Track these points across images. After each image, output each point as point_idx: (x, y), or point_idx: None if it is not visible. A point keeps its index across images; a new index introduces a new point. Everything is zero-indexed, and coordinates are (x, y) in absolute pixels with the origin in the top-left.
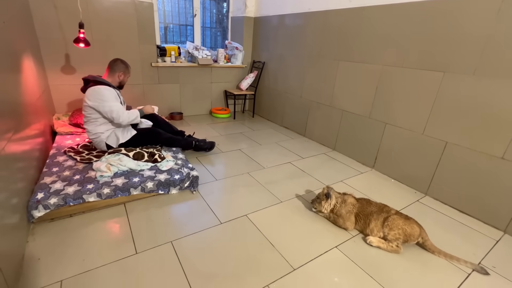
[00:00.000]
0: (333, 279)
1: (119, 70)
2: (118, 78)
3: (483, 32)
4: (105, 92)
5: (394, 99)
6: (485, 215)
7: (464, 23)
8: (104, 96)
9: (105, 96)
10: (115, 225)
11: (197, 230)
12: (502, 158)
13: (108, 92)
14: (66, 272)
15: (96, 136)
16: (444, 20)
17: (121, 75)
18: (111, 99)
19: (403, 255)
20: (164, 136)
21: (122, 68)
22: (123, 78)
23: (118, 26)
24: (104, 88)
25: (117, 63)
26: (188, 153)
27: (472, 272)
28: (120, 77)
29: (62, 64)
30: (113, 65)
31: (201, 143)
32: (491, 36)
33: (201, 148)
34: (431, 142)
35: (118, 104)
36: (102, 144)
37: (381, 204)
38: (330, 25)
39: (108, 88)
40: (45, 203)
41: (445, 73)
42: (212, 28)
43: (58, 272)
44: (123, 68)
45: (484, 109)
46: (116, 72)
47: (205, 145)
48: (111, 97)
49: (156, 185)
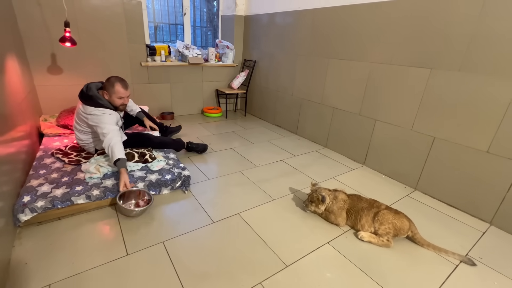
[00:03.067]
0: (326, 275)
1: (105, 87)
2: (105, 97)
3: (468, 29)
4: (103, 117)
5: (383, 96)
6: (472, 208)
7: (450, 20)
8: (100, 120)
9: (102, 120)
10: (105, 227)
11: (189, 230)
12: (487, 152)
13: (106, 116)
14: (55, 276)
15: (86, 141)
16: (431, 17)
17: (106, 95)
18: (109, 121)
19: (393, 248)
20: (155, 141)
21: (107, 86)
22: (108, 98)
23: (105, 25)
24: (102, 111)
25: (108, 80)
26: (179, 153)
27: (460, 264)
28: (106, 97)
29: (48, 64)
30: (106, 81)
31: (194, 145)
32: (475, 33)
33: (193, 149)
34: (419, 137)
35: (113, 127)
36: (92, 149)
37: (371, 200)
38: (319, 23)
39: (106, 111)
40: (32, 206)
41: (432, 69)
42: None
43: (47, 276)
44: (108, 86)
45: (469, 104)
46: (104, 90)
47: (197, 147)
48: (109, 120)
49: (147, 185)
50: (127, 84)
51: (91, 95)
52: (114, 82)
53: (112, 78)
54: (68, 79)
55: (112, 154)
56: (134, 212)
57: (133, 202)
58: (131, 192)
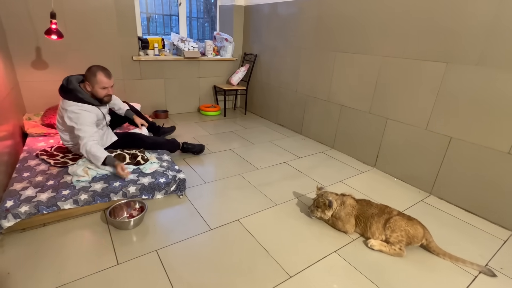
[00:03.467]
0: (332, 286)
1: (86, 78)
2: (87, 89)
3: (487, 18)
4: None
5: (395, 92)
6: (492, 214)
7: (466, 8)
8: (78, 118)
9: (80, 118)
10: (94, 234)
11: (184, 238)
12: (508, 153)
13: (86, 112)
14: (40, 286)
15: (72, 144)
16: (446, 6)
17: (88, 86)
18: (87, 121)
19: (406, 258)
20: (147, 141)
21: (89, 76)
22: (91, 89)
23: (94, 16)
24: (82, 108)
25: (89, 69)
26: (174, 154)
27: (479, 274)
28: (88, 88)
29: (33, 59)
30: (86, 71)
31: (189, 146)
32: (495, 22)
33: (189, 150)
34: (434, 137)
35: (90, 130)
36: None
37: (382, 205)
38: (325, 13)
39: (87, 107)
40: (15, 211)
41: (448, 63)
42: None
43: (31, 286)
44: (90, 76)
45: (488, 101)
46: (85, 82)
47: (193, 148)
48: (87, 119)
49: (139, 189)
50: (110, 73)
51: (71, 89)
52: (96, 72)
53: (94, 67)
54: (54, 74)
55: (94, 158)
56: (131, 224)
57: (125, 215)
58: (121, 207)
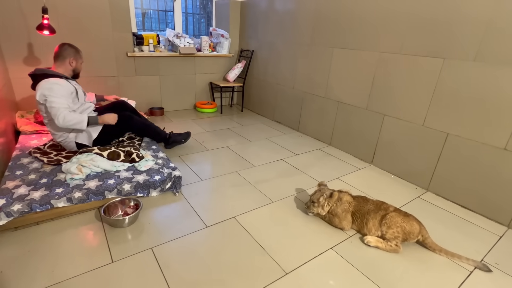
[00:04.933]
0: (329, 282)
1: (68, 55)
2: (70, 65)
3: (484, 14)
4: (53, 86)
5: (392, 89)
6: (488, 210)
7: (463, 4)
8: (51, 90)
9: (53, 90)
10: (89, 232)
11: (180, 235)
12: (504, 149)
13: (57, 85)
14: (33, 285)
15: (63, 137)
16: (442, 1)
17: (73, 61)
18: (59, 94)
19: (402, 254)
20: (137, 121)
21: (72, 52)
22: (75, 64)
23: (88, 11)
24: (53, 81)
25: (65, 48)
26: (169, 152)
27: (474, 270)
28: (72, 64)
29: (25, 55)
30: (61, 51)
31: (176, 137)
32: (492, 18)
33: (175, 141)
34: (431, 134)
35: (63, 101)
36: (72, 144)
37: (378, 202)
38: (323, 9)
39: (58, 80)
40: (8, 210)
41: (445, 59)
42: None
43: (24, 285)
44: (73, 52)
45: (485, 97)
46: (66, 59)
47: (179, 137)
48: (60, 91)
49: (134, 187)
50: None
51: (40, 73)
52: (76, 48)
53: (72, 44)
54: None
55: (77, 124)
56: (125, 221)
57: (120, 213)
58: (115, 205)
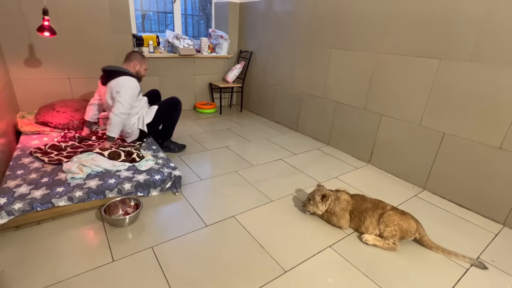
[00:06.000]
0: (327, 280)
1: (135, 58)
2: (134, 68)
3: (480, 14)
4: (130, 89)
5: (389, 89)
6: (484, 208)
7: (460, 4)
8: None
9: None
10: (89, 232)
11: (180, 234)
12: (500, 148)
13: (131, 84)
14: (34, 284)
15: (130, 128)
16: (439, 2)
17: (137, 65)
18: (129, 93)
19: (400, 252)
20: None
21: (138, 57)
22: (139, 68)
23: (88, 13)
24: (131, 86)
25: (133, 53)
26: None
27: (471, 267)
28: (136, 67)
29: (26, 56)
30: (129, 55)
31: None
32: (488, 19)
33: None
34: (428, 133)
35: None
36: (136, 132)
37: (376, 200)
38: (321, 10)
39: (131, 79)
40: (9, 209)
41: (441, 60)
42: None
43: (25, 284)
44: (139, 57)
45: (481, 97)
46: (132, 62)
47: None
48: (130, 92)
49: (135, 186)
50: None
51: (116, 70)
52: (143, 55)
53: (139, 52)
54: (47, 72)
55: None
56: (126, 221)
57: (121, 213)
58: (116, 205)
